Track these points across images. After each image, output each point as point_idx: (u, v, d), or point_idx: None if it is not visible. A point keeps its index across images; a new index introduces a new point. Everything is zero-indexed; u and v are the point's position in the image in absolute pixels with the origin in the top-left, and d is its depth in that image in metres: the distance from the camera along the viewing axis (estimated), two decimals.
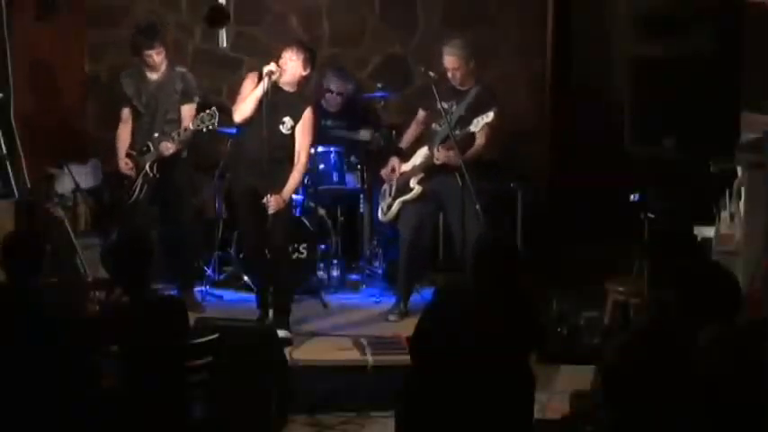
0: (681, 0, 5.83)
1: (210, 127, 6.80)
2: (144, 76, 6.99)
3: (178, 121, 6.96)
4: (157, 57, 6.91)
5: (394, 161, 7.16)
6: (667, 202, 6.65)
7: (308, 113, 6.69)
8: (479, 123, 6.70)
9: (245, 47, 8.42)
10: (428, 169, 6.99)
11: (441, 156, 6.85)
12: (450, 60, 6.88)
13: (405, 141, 7.25)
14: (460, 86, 6.93)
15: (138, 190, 6.95)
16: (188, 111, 6.99)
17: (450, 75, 6.90)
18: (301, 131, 6.67)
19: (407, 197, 7.09)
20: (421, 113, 7.16)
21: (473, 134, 6.80)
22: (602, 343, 6.26)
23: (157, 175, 6.94)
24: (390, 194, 7.18)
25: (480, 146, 6.86)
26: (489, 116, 6.66)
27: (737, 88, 5.63)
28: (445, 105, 6.84)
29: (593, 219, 7.66)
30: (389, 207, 7.16)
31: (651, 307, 4.63)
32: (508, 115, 7.31)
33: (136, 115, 7.02)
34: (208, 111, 6.78)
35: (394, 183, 7.16)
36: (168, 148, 6.84)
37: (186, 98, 7.01)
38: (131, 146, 7.00)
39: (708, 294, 4.05)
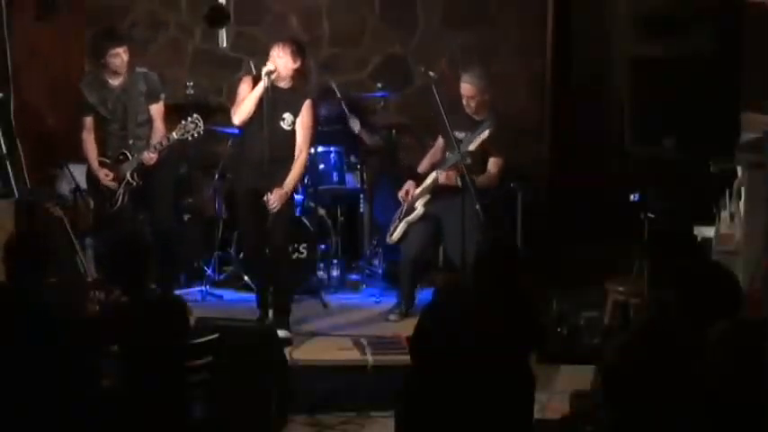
0: (681, 0, 5.83)
1: (195, 135, 6.75)
2: (105, 83, 6.86)
3: (150, 122, 6.89)
4: (125, 55, 6.78)
5: (409, 185, 7.18)
6: (667, 202, 6.64)
7: (306, 107, 6.70)
8: (476, 142, 6.79)
9: (245, 47, 8.42)
10: (434, 191, 7.05)
11: (442, 177, 6.92)
12: (466, 88, 6.94)
13: (423, 167, 7.26)
14: (475, 116, 6.97)
15: (120, 198, 6.84)
16: (157, 110, 6.91)
17: (464, 102, 6.96)
18: (301, 125, 6.67)
19: (411, 218, 7.13)
20: (440, 141, 7.18)
21: (484, 159, 6.88)
22: (602, 343, 6.26)
23: (140, 183, 6.85)
24: (399, 217, 7.21)
25: (491, 176, 6.96)
26: (485, 134, 6.74)
27: (737, 88, 5.63)
28: (460, 135, 6.89)
29: (593, 219, 7.66)
30: (396, 229, 7.20)
31: (651, 307, 4.63)
32: (508, 115, 7.34)
33: (100, 122, 6.90)
34: (190, 119, 6.71)
35: (405, 206, 7.20)
36: (151, 158, 6.76)
37: (152, 98, 6.90)
38: (103, 153, 6.90)
39: (708, 294, 4.05)
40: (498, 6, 8.59)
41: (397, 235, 7.21)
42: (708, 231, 6.36)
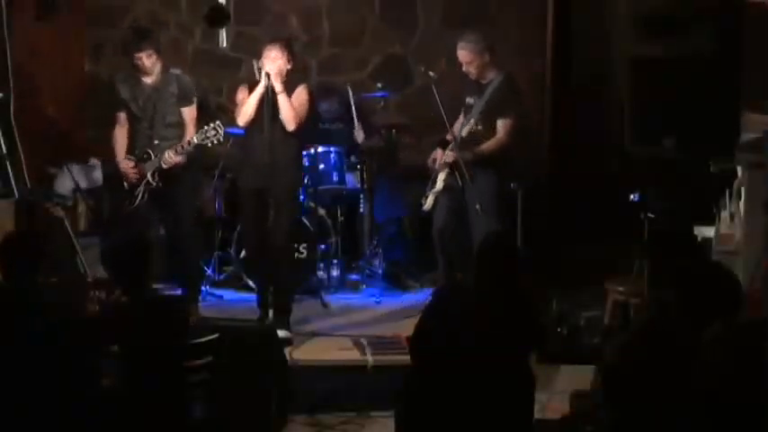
0: (681, 0, 5.83)
1: (215, 141, 6.67)
2: (138, 80, 6.81)
3: (179, 125, 6.81)
4: (147, 60, 6.72)
5: (437, 152, 7.16)
6: (667, 202, 6.64)
7: (300, 87, 6.68)
8: (466, 131, 6.84)
9: (245, 47, 8.41)
10: (452, 165, 7.02)
11: (448, 157, 6.92)
12: (461, 54, 6.92)
13: (450, 133, 7.13)
14: (481, 80, 6.95)
15: (140, 196, 6.78)
16: (189, 113, 6.85)
17: (464, 69, 6.93)
18: (296, 98, 6.63)
19: (435, 190, 7.12)
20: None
21: (494, 128, 6.88)
22: (602, 343, 6.26)
23: (160, 184, 6.77)
24: (429, 187, 7.21)
25: (500, 139, 6.91)
26: (470, 123, 6.80)
27: (737, 88, 5.63)
28: (470, 100, 6.93)
29: (593, 219, 7.66)
30: (427, 198, 7.20)
31: (651, 307, 4.63)
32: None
33: (132, 119, 6.85)
34: (212, 125, 6.63)
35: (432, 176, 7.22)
36: (171, 160, 6.68)
37: (184, 101, 6.84)
38: (129, 150, 6.84)
39: (708, 294, 4.05)
40: (498, 6, 8.59)
41: (428, 205, 7.18)
42: (708, 231, 6.36)
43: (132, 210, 6.83)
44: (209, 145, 6.73)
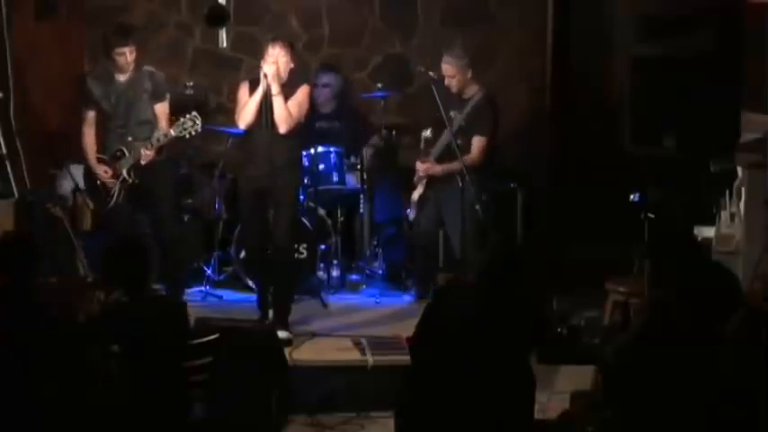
0: (681, 0, 5.84)
1: (193, 133, 6.62)
2: (111, 78, 6.73)
3: (152, 122, 6.73)
4: (130, 56, 6.66)
5: (426, 163, 7.30)
6: (667, 202, 6.65)
7: (302, 89, 6.66)
8: (444, 143, 7.00)
9: (245, 47, 8.42)
10: (429, 175, 7.18)
11: (420, 168, 7.18)
12: (445, 68, 7.05)
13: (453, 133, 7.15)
14: (462, 94, 7.01)
15: (116, 195, 6.70)
16: (161, 110, 6.76)
17: (446, 82, 6.98)
18: (294, 99, 6.60)
19: (413, 197, 7.23)
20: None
21: (469, 142, 7.02)
22: (602, 343, 6.26)
23: (136, 181, 6.69)
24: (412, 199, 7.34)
25: (472, 156, 7.04)
26: (449, 136, 6.89)
27: (737, 88, 5.64)
28: (452, 114, 7.01)
29: (593, 219, 7.67)
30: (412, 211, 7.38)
31: (651, 307, 4.64)
32: (508, 115, 7.33)
33: (103, 118, 6.77)
34: (189, 116, 6.60)
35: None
36: (147, 155, 6.60)
37: (157, 98, 6.76)
38: (101, 150, 6.76)
39: (708, 294, 4.05)
40: (498, 6, 8.59)
41: (412, 215, 7.35)
42: (708, 231, 6.36)
43: (110, 209, 6.76)
44: (187, 137, 6.67)
